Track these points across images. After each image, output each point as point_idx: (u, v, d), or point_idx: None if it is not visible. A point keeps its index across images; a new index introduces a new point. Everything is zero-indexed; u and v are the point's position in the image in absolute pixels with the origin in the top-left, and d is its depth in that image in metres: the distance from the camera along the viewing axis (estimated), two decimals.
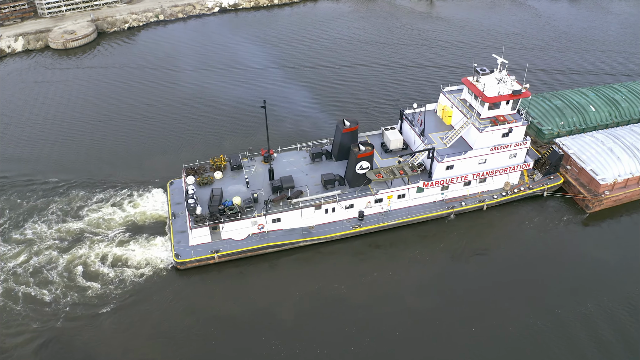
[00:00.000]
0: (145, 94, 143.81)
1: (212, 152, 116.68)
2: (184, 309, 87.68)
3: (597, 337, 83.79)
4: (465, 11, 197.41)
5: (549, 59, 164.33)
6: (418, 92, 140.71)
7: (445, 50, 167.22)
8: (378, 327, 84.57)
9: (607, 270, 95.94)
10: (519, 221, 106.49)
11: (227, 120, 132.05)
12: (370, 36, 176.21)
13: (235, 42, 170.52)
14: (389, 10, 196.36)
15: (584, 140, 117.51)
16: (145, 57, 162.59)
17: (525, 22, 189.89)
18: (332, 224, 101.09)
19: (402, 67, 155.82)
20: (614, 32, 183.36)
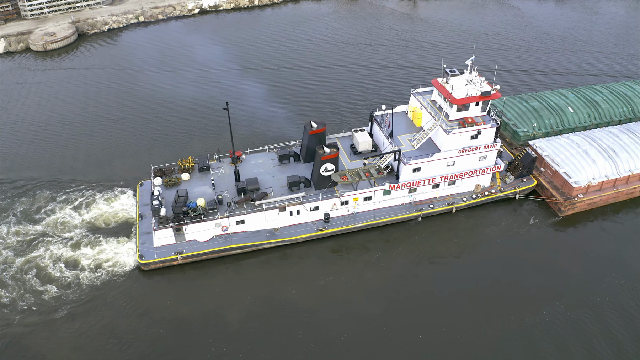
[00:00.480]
0: (120, 95, 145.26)
1: (184, 153, 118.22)
2: (138, 310, 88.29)
3: (537, 350, 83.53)
4: (446, 11, 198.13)
5: (532, 59, 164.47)
6: (395, 92, 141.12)
7: (424, 50, 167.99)
8: (324, 331, 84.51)
9: (569, 277, 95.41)
10: (486, 224, 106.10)
11: (199, 122, 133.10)
12: (348, 37, 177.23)
13: (212, 42, 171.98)
14: (369, 11, 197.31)
15: (559, 142, 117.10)
16: (122, 58, 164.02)
17: (507, 23, 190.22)
18: (298, 226, 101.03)
19: (379, 68, 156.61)
20: (599, 32, 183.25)
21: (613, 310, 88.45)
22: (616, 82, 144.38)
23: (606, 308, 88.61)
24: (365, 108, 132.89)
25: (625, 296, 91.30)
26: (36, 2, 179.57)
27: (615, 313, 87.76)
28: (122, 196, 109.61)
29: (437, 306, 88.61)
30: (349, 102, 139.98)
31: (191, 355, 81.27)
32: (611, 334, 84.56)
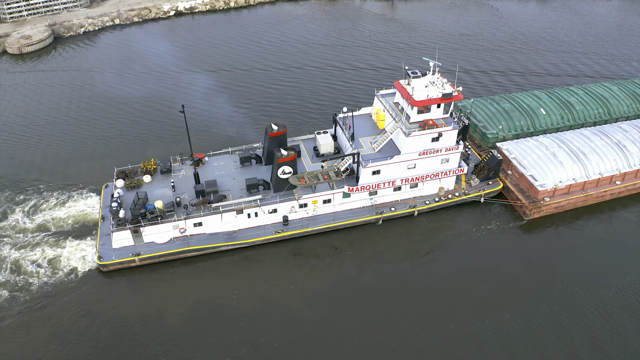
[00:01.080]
0: (93, 97, 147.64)
1: (150, 155, 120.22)
2: (85, 311, 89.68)
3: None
4: (424, 12, 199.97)
5: (509, 60, 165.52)
6: (365, 94, 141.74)
7: (399, 51, 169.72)
8: (259, 337, 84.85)
9: (519, 284, 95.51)
10: (447, 228, 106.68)
11: (168, 124, 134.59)
12: (322, 38, 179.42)
13: (185, 45, 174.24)
14: (345, 12, 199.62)
15: (527, 144, 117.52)
16: (96, 61, 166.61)
17: (483, 23, 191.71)
18: (256, 228, 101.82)
19: (351, 69, 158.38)
20: (579, 32, 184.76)
21: (549, 326, 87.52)
22: (594, 82, 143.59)
23: (548, 319, 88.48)
24: (334, 109, 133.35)
25: (576, 305, 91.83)
26: (15, 5, 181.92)
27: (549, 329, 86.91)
28: (87, 198, 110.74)
29: (375, 313, 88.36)
30: (317, 104, 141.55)
31: (127, 357, 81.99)
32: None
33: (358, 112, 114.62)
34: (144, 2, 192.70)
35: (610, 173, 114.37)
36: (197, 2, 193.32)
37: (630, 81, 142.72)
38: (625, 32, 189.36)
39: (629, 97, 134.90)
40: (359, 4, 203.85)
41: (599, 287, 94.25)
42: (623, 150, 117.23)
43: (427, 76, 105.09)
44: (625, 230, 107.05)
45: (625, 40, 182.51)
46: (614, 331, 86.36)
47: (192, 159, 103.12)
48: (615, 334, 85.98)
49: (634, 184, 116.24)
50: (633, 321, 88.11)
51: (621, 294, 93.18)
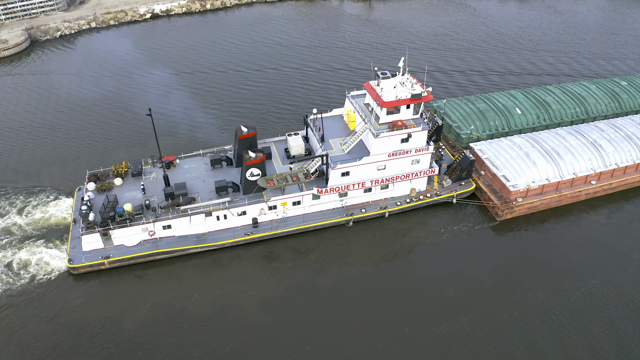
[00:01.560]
0: (69, 100, 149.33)
1: (123, 157, 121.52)
2: (49, 314, 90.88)
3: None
4: (401, 13, 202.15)
5: (487, 60, 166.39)
6: (341, 94, 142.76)
7: (377, 52, 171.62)
8: (211, 341, 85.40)
9: (482, 287, 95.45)
10: (416, 230, 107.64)
11: (141, 126, 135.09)
12: (297, 39, 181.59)
13: (160, 47, 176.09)
14: (322, 14, 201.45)
15: (500, 144, 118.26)
16: (72, 64, 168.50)
17: (461, 23, 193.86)
18: (226, 231, 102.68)
19: (328, 70, 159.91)
20: (558, 31, 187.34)
21: (514, 326, 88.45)
22: (573, 81, 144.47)
23: (508, 323, 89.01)
24: (307, 111, 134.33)
25: (536, 308, 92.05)
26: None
27: (515, 329, 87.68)
28: (61, 201, 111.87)
29: (329, 317, 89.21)
30: (292, 105, 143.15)
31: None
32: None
33: (330, 113, 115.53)
34: (121, 5, 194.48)
35: (585, 173, 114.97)
36: (173, 5, 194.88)
37: (610, 79, 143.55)
38: (605, 31, 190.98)
39: (607, 95, 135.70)
40: (336, 4, 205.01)
41: (562, 290, 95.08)
42: (598, 149, 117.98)
43: (397, 77, 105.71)
44: (594, 232, 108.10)
45: (606, 39, 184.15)
46: (579, 334, 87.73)
47: (161, 161, 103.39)
48: (582, 336, 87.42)
49: (609, 184, 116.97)
50: (600, 324, 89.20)
51: (586, 296, 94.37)
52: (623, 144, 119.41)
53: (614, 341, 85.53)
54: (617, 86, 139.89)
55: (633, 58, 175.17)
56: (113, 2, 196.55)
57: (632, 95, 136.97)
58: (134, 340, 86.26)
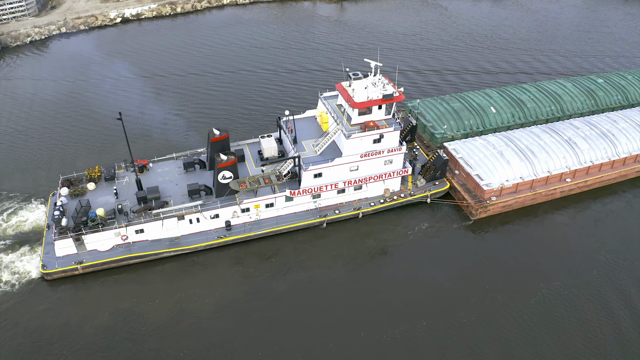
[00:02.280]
0: (43, 105, 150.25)
1: (96, 162, 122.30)
2: (12, 320, 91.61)
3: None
4: (373, 13, 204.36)
5: (463, 59, 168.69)
6: (315, 96, 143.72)
7: (351, 52, 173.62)
8: (165, 347, 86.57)
9: (445, 290, 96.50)
10: (386, 231, 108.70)
11: (111, 130, 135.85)
12: (271, 41, 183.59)
13: (129, 51, 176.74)
14: (294, 16, 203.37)
15: (474, 144, 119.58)
16: (41, 70, 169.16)
17: (434, 23, 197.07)
18: (199, 234, 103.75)
19: (303, 71, 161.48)
20: (530, 29, 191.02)
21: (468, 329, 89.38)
22: (549, 80, 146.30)
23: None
24: (281, 112, 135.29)
25: (493, 312, 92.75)
26: None
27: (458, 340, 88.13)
28: (36, 206, 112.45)
29: (284, 323, 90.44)
30: (265, 107, 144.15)
31: None
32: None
33: (303, 114, 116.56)
34: (91, 9, 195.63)
35: (559, 171, 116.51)
36: (143, 9, 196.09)
37: (586, 77, 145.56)
38: (579, 29, 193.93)
39: (582, 93, 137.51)
40: (308, 6, 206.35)
41: (523, 293, 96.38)
42: (573, 147, 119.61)
43: (369, 77, 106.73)
44: (563, 232, 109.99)
45: (581, 37, 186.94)
46: (529, 341, 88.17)
47: (133, 165, 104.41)
48: (530, 344, 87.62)
49: (585, 181, 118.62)
50: (548, 331, 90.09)
51: (544, 300, 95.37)
52: (598, 142, 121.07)
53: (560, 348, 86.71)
54: (593, 84, 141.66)
55: (610, 55, 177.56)
56: (84, 6, 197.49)
57: (608, 93, 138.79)
58: (90, 346, 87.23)
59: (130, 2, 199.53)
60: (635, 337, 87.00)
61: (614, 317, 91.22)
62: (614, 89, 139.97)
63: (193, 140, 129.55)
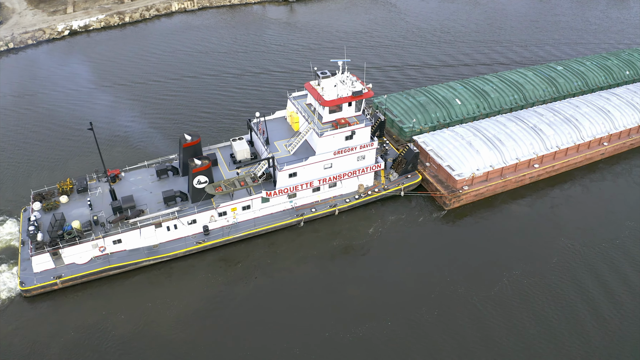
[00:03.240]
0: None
1: (65, 175, 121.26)
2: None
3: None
4: (325, 14, 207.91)
5: (422, 54, 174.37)
6: (279, 97, 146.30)
7: (310, 52, 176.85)
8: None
9: (408, 286, 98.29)
10: (360, 226, 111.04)
11: (78, 142, 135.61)
12: (229, 45, 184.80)
13: (82, 62, 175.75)
14: (246, 20, 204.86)
15: (443, 135, 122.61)
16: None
17: (387, 20, 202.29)
18: (177, 240, 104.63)
19: (265, 73, 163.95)
20: (476, 22, 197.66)
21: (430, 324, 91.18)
22: (509, 70, 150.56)
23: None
24: (249, 115, 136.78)
25: (455, 304, 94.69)
26: None
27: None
28: (8, 223, 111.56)
29: (249, 325, 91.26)
30: (234, 110, 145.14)
31: None
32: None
33: (272, 115, 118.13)
34: (39, 23, 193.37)
35: (527, 157, 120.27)
36: (91, 20, 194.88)
37: (545, 65, 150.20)
38: (535, 17, 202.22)
39: (544, 81, 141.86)
40: (258, 9, 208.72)
41: (485, 283, 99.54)
42: (539, 133, 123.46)
43: (337, 75, 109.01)
44: (528, 219, 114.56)
45: (532, 26, 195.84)
46: (483, 341, 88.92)
47: (106, 175, 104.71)
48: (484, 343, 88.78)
49: (552, 166, 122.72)
50: (504, 325, 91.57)
51: (498, 293, 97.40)
52: (562, 127, 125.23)
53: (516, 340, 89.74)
54: (553, 71, 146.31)
55: (566, 43, 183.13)
56: (31, 20, 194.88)
57: (569, 79, 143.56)
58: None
59: (78, 14, 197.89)
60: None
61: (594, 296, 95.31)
62: (574, 76, 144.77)
63: (163, 146, 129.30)
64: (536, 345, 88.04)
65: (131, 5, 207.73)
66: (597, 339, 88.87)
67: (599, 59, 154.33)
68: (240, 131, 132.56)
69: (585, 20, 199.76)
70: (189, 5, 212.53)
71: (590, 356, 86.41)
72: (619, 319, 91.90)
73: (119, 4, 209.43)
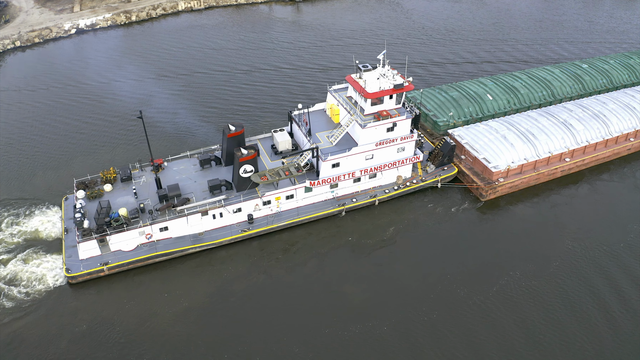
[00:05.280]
0: (31, 114, 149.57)
1: (107, 164, 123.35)
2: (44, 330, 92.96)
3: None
4: (331, 13, 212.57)
5: (446, 52, 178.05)
6: (316, 91, 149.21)
7: (337, 48, 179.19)
8: (125, 353, 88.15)
9: (411, 283, 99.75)
10: (403, 216, 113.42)
11: (118, 133, 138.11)
12: (254, 43, 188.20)
13: (128, 53, 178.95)
14: (251, 19, 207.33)
15: (477, 129, 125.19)
16: (17, 80, 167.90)
17: (384, 19, 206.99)
18: (222, 229, 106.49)
19: (291, 69, 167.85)
20: (482, 21, 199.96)
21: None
22: (534, 67, 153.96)
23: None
24: (288, 108, 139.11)
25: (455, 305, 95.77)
26: None
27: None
28: (48, 212, 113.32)
29: (252, 323, 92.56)
30: (272, 104, 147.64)
31: None
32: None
33: (312, 108, 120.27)
34: (45, 22, 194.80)
35: (559, 151, 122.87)
36: (98, 19, 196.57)
37: (571, 63, 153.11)
38: (550, 18, 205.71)
39: (570, 78, 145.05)
40: (265, 9, 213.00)
41: (486, 283, 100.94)
42: (570, 128, 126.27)
43: (378, 69, 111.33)
44: (559, 212, 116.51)
45: (550, 26, 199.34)
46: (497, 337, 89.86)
47: (151, 164, 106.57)
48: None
49: (582, 160, 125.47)
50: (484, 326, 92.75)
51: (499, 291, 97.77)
52: (591, 122, 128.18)
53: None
54: (579, 69, 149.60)
55: (584, 41, 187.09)
56: (37, 19, 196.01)
57: (594, 77, 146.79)
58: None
59: (85, 13, 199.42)
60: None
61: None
62: (599, 73, 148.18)
63: (203, 137, 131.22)
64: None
65: (138, 4, 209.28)
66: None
67: (621, 58, 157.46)
68: (276, 124, 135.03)
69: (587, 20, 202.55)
70: (196, 5, 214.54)
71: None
72: None
73: (126, 2, 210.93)
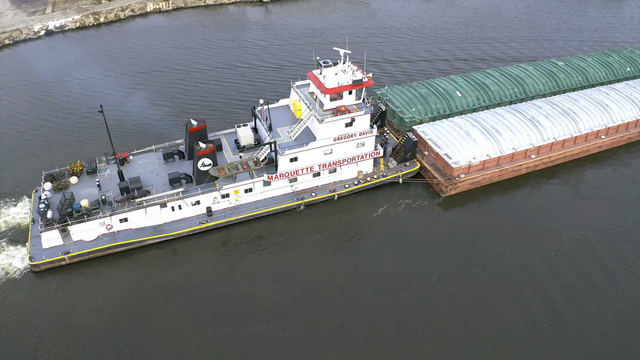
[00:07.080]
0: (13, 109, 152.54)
1: (76, 157, 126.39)
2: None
3: None
4: (302, 14, 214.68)
5: (417, 50, 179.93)
6: (284, 87, 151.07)
7: (312, 45, 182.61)
8: (48, 348, 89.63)
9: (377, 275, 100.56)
10: (357, 212, 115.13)
11: (88, 127, 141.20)
12: (226, 42, 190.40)
13: (98, 53, 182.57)
14: (223, 20, 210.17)
15: (442, 125, 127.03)
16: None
17: (359, 18, 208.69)
18: (181, 221, 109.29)
19: (262, 67, 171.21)
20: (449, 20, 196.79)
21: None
22: (509, 65, 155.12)
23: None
24: (255, 104, 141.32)
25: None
26: None
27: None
28: (19, 203, 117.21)
29: (170, 317, 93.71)
30: (241, 100, 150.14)
31: None
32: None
33: (277, 103, 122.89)
34: (17, 23, 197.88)
35: (524, 147, 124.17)
36: (67, 20, 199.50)
37: (547, 60, 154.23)
38: (525, 17, 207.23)
39: (544, 75, 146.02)
40: (234, 10, 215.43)
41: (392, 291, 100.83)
42: (536, 125, 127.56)
43: (338, 65, 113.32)
44: (521, 208, 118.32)
45: (528, 24, 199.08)
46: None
47: (115, 157, 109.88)
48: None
49: (549, 157, 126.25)
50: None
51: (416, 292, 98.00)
52: (560, 119, 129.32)
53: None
54: (554, 66, 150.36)
55: (566, 40, 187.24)
56: (10, 20, 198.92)
57: (569, 74, 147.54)
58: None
59: (55, 15, 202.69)
60: None
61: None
62: (574, 71, 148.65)
63: (170, 132, 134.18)
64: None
65: (107, 6, 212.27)
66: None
67: (600, 56, 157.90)
68: (244, 120, 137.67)
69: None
70: (164, 6, 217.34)
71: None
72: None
73: (97, 4, 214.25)
